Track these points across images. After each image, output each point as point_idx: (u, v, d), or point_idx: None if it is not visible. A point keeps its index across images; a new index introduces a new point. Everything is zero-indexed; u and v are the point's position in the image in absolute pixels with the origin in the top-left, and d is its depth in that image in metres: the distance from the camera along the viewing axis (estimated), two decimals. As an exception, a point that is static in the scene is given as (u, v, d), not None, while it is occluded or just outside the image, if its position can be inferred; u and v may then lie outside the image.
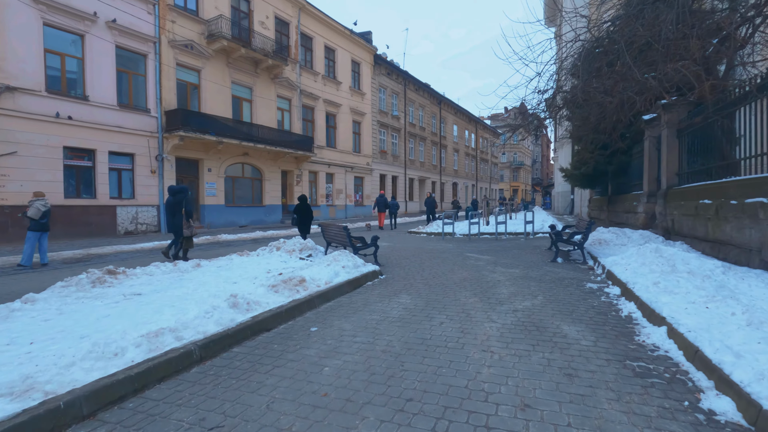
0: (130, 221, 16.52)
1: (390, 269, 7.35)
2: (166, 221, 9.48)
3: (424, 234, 14.86)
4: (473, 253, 9.46)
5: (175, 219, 8.92)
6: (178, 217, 8.94)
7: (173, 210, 8.91)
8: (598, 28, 10.42)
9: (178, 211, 8.94)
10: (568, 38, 10.18)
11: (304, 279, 5.18)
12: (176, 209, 8.92)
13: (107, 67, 15.78)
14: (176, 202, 8.92)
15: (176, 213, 8.92)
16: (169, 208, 8.95)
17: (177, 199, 8.93)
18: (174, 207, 8.91)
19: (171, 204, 8.93)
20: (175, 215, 8.91)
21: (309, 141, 23.62)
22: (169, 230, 9.14)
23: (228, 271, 6.99)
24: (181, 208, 8.99)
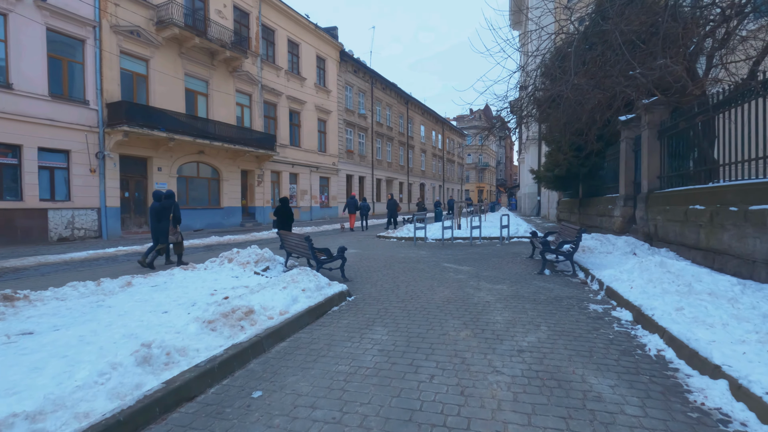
0: (65, 226, 14.57)
1: (360, 286, 6.29)
2: (150, 227, 8.94)
3: (394, 239, 13.89)
4: (451, 263, 8.55)
5: (161, 225, 8.72)
6: (164, 223, 8.74)
7: (159, 216, 8.69)
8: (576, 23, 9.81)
9: (164, 217, 8.74)
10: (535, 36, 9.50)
11: (252, 310, 4.04)
12: (163, 215, 8.72)
13: (36, 51, 13.79)
14: (163, 208, 8.72)
15: (162, 219, 8.72)
16: (155, 213, 8.72)
17: (165, 204, 8.74)
18: (161, 212, 8.70)
19: (157, 209, 8.70)
20: (161, 221, 8.71)
21: (271, 139, 22.14)
22: (153, 236, 8.87)
23: (163, 293, 5.70)
24: (168, 214, 8.77)
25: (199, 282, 6.56)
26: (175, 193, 9.53)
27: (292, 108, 25.15)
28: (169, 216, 8.83)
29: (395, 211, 19.43)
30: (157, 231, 8.76)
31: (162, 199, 8.82)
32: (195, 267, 7.85)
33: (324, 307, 4.73)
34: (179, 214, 9.14)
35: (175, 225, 8.96)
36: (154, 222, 8.77)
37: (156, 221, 8.74)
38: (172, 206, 8.87)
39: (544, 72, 13.02)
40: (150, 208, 9.03)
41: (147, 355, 2.91)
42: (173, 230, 8.96)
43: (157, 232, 8.77)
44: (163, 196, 8.88)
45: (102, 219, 15.53)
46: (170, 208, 8.83)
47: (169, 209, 8.82)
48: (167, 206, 8.78)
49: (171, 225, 8.90)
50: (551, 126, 14.26)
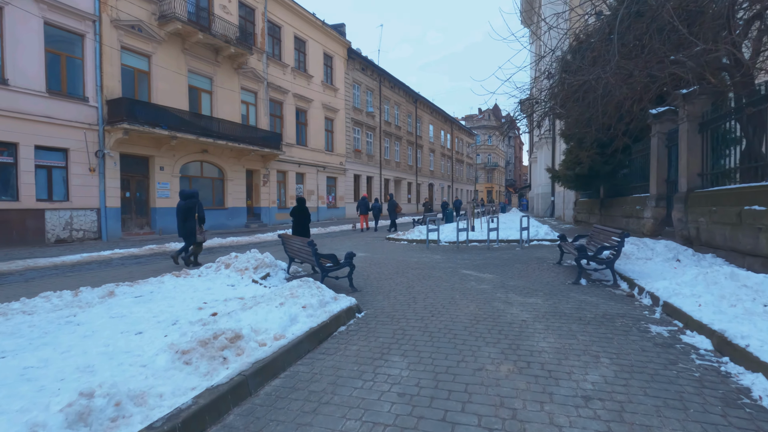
0: (63, 227, 13.95)
1: (371, 298, 5.46)
2: (177, 226, 8.99)
3: (405, 241, 13.04)
4: (470, 269, 7.69)
5: (187, 224, 8.71)
6: (190, 222, 8.71)
7: (185, 215, 8.71)
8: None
9: (190, 216, 8.71)
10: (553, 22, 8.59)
11: (240, 335, 3.23)
12: (188, 214, 8.71)
13: (33, 46, 13.19)
14: (188, 207, 8.72)
15: (188, 218, 8.70)
16: (181, 212, 8.74)
17: (189, 203, 8.73)
18: (186, 212, 8.71)
19: (183, 209, 8.72)
20: (186, 220, 8.70)
21: (277, 138, 21.42)
22: (180, 235, 8.93)
23: (145, 306, 4.93)
24: (193, 213, 8.74)
25: (190, 292, 5.78)
26: (198, 192, 9.48)
27: (299, 106, 24.42)
28: (194, 215, 8.77)
29: (395, 212, 18.48)
30: (184, 230, 8.80)
31: (187, 198, 8.84)
32: (188, 273, 7.08)
33: (329, 327, 3.90)
34: (203, 214, 9.02)
35: (200, 224, 8.91)
36: (181, 221, 8.78)
37: (182, 220, 8.75)
38: (195, 205, 8.80)
39: (564, 66, 12.11)
40: (176, 207, 9.01)
41: (85, 410, 2.11)
42: (200, 230, 8.90)
43: (183, 230, 8.80)
44: (188, 195, 8.89)
45: (102, 220, 14.89)
46: (194, 207, 8.77)
47: (194, 208, 8.76)
48: (191, 206, 8.75)
49: (197, 224, 8.83)
50: (571, 122, 13.33)
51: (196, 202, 8.84)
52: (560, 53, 11.20)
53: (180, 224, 8.79)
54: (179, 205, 8.84)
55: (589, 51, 8.27)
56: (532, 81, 17.21)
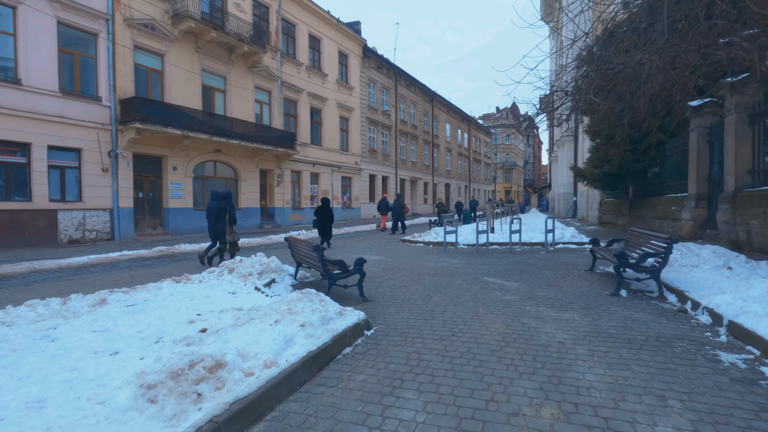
0: (76, 228, 13.78)
1: (382, 310, 4.87)
2: (208, 227, 8.96)
3: (420, 244, 12.40)
4: (492, 275, 7.01)
5: (218, 225, 8.74)
6: (221, 223, 8.74)
7: (217, 215, 8.71)
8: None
9: (222, 217, 8.73)
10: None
11: (222, 363, 2.67)
12: (220, 215, 8.71)
13: (47, 46, 13.04)
14: (220, 208, 8.72)
15: (220, 218, 8.72)
16: (212, 213, 8.74)
17: (221, 204, 8.74)
18: (218, 212, 8.70)
19: (214, 209, 8.73)
20: (218, 221, 8.72)
21: (291, 137, 21.03)
22: (211, 236, 8.95)
23: (133, 318, 4.44)
24: (225, 214, 8.75)
25: (186, 301, 5.29)
26: (231, 193, 9.50)
27: (313, 105, 24.01)
28: (226, 216, 8.78)
29: (401, 213, 17.30)
30: (215, 231, 8.79)
31: (220, 199, 8.83)
32: (189, 279, 6.61)
33: (331, 350, 3.31)
34: (234, 214, 9.04)
35: (231, 225, 8.92)
36: (212, 222, 8.78)
37: (214, 221, 8.74)
38: (227, 206, 8.81)
39: (589, 57, 11.28)
40: (207, 208, 9.01)
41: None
42: (230, 230, 8.91)
43: (215, 232, 8.80)
44: (221, 196, 8.89)
45: (114, 220, 14.70)
46: (226, 209, 8.78)
47: (226, 209, 8.76)
48: (223, 206, 8.75)
49: (228, 225, 8.85)
50: (599, 117, 12.48)
51: (228, 203, 8.85)
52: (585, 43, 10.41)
53: (211, 225, 8.80)
54: (211, 206, 8.85)
55: (623, 38, 7.50)
56: (554, 74, 16.35)
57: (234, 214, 8.99)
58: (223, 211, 8.73)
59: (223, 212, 8.73)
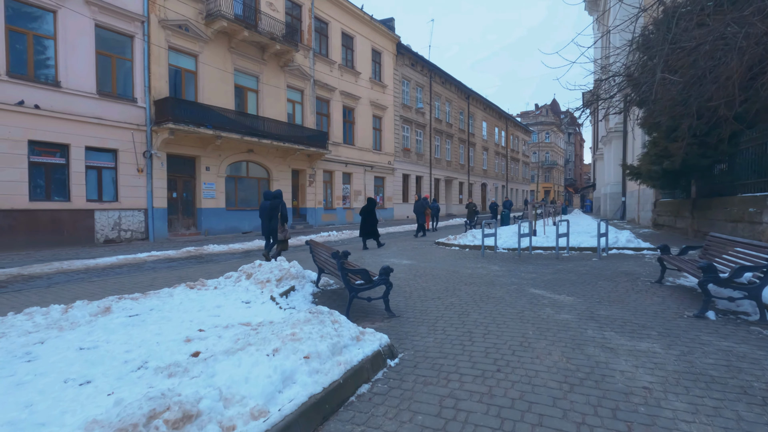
0: (112, 228, 13.90)
1: (411, 330, 4.11)
2: (262, 225, 9.26)
3: (456, 247, 11.50)
4: (540, 287, 6.07)
5: (272, 223, 8.93)
6: (274, 222, 8.93)
7: (270, 214, 8.91)
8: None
9: (274, 216, 8.92)
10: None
11: (193, 414, 2.01)
12: (273, 214, 8.91)
13: (85, 48, 13.20)
14: (273, 207, 8.92)
15: (273, 217, 8.92)
16: (266, 212, 8.96)
17: (274, 203, 8.93)
18: (271, 211, 8.90)
19: (267, 208, 8.94)
20: (271, 219, 8.92)
21: (323, 136, 20.63)
22: (264, 234, 9.22)
23: (127, 333, 3.91)
24: (277, 213, 8.93)
25: (194, 311, 4.75)
26: (282, 193, 9.67)
27: (346, 104, 23.54)
28: (278, 215, 8.93)
29: (424, 215, 15.97)
30: (268, 229, 9.00)
31: (272, 198, 9.02)
32: (205, 284, 6.12)
33: (342, 390, 2.59)
34: (286, 213, 9.20)
35: (283, 223, 9.08)
36: (266, 221, 8.97)
37: (267, 220, 8.94)
38: (279, 205, 8.96)
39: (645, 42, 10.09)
40: (260, 207, 9.22)
41: None
42: (281, 228, 9.06)
43: (268, 230, 9.01)
44: (273, 196, 9.07)
45: (149, 220, 14.76)
46: (278, 207, 8.93)
47: (278, 208, 8.92)
48: (276, 205, 8.91)
49: (279, 223, 8.99)
50: (659, 108, 11.11)
51: (280, 202, 8.99)
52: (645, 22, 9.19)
53: (265, 223, 9.00)
54: (264, 205, 9.03)
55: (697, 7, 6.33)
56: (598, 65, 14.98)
57: (286, 213, 9.15)
58: (275, 210, 8.90)
59: (275, 211, 8.90)
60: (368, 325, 4.26)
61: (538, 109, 67.05)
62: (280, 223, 8.99)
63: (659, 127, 11.77)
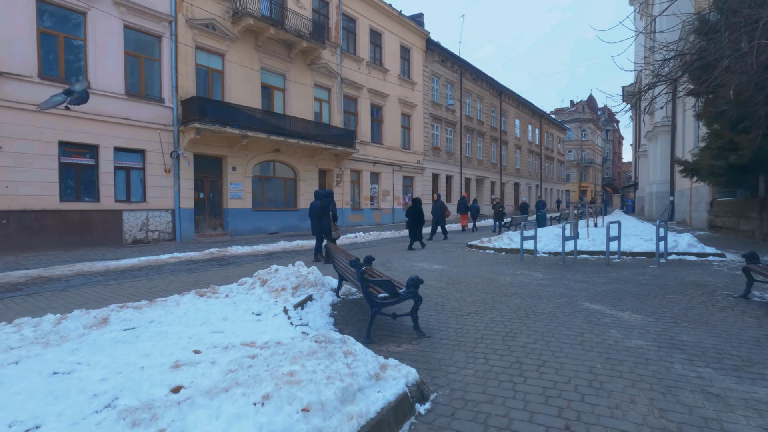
0: (139, 228, 13.83)
1: (444, 356, 3.35)
2: (312, 225, 9.29)
3: (491, 250, 10.59)
4: (596, 301, 5.15)
5: (323, 222, 8.98)
6: (325, 220, 8.97)
7: (320, 214, 8.96)
8: None
9: (325, 215, 8.96)
10: None
11: None
12: (324, 213, 8.96)
13: (114, 50, 13.18)
14: (323, 206, 8.96)
15: (323, 216, 8.96)
16: (317, 211, 9.01)
17: (324, 202, 8.98)
18: (322, 210, 8.96)
19: (318, 208, 8.99)
20: (322, 219, 8.96)
21: (350, 135, 20.08)
22: (315, 233, 9.21)
23: (110, 355, 3.35)
24: (328, 212, 8.97)
25: (196, 325, 4.18)
26: (333, 192, 9.82)
27: (374, 102, 22.91)
28: (329, 214, 8.95)
29: (442, 217, 14.66)
30: (319, 228, 9.02)
31: (323, 198, 9.05)
32: (216, 291, 5.58)
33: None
34: (336, 212, 9.24)
35: (334, 222, 9.09)
36: (316, 220, 9.01)
37: (318, 219, 8.97)
38: (330, 204, 8.99)
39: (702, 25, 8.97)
40: (310, 207, 9.26)
41: None
42: (334, 227, 9.09)
43: (319, 229, 9.03)
44: (324, 195, 9.09)
45: (176, 221, 14.63)
46: (329, 206, 8.96)
47: (329, 207, 8.95)
48: (326, 204, 8.94)
49: (331, 222, 9.00)
50: (718, 98, 9.81)
51: (330, 201, 9.02)
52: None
53: (315, 223, 9.04)
54: (314, 205, 9.08)
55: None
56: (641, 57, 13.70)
57: (335, 212, 9.19)
58: (326, 209, 8.93)
59: (326, 210, 8.93)
60: (393, 348, 3.54)
61: (574, 106, 64.19)
62: (331, 222, 9.01)
63: (723, 117, 10.44)
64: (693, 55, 8.26)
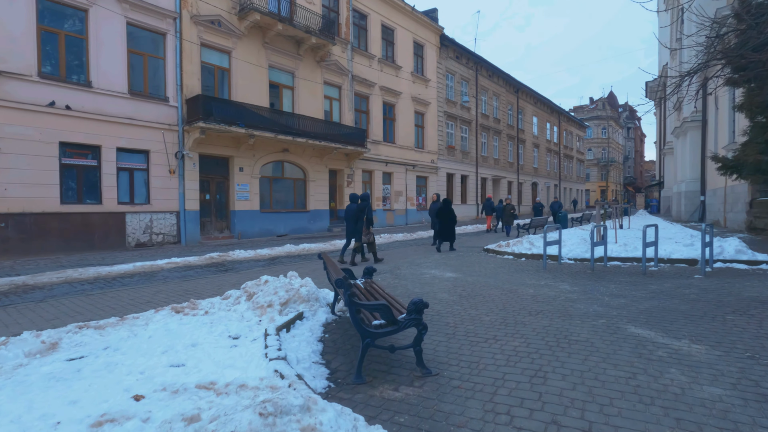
0: (143, 231, 13.35)
1: (455, 408, 2.55)
2: (346, 227, 9.35)
3: (509, 256, 9.67)
4: (640, 323, 4.24)
5: (357, 225, 8.98)
6: (360, 224, 8.96)
7: (356, 217, 8.98)
8: None
9: (360, 218, 8.95)
10: None
11: None
12: (359, 216, 8.95)
13: (116, 47, 12.72)
14: (360, 209, 8.96)
15: (359, 219, 8.96)
16: (353, 214, 9.03)
17: (362, 206, 9.00)
18: (358, 214, 8.95)
19: (354, 210, 9.02)
20: (357, 222, 8.96)
21: (361, 134, 19.33)
22: (347, 236, 9.29)
23: (38, 395, 2.67)
24: (363, 215, 8.94)
25: (155, 354, 3.45)
26: (369, 195, 9.88)
27: (386, 100, 22.12)
28: (364, 217, 8.94)
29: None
30: (354, 231, 9.04)
31: (360, 201, 9.12)
32: (195, 307, 4.87)
33: None
34: (371, 216, 9.26)
35: (368, 226, 9.08)
36: (352, 223, 9.01)
37: (353, 222, 8.99)
38: (366, 208, 8.99)
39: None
40: (346, 209, 9.28)
41: None
42: (366, 231, 9.08)
43: (353, 232, 9.05)
44: (361, 198, 9.17)
45: (181, 223, 14.12)
46: (365, 210, 8.94)
47: (365, 210, 8.93)
48: (362, 208, 8.94)
49: (365, 225, 8.98)
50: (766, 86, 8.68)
51: (366, 205, 9.06)
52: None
53: (350, 226, 9.06)
54: (350, 207, 9.11)
55: None
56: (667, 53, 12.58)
57: (371, 216, 9.17)
58: (363, 212, 8.89)
59: (363, 213, 8.88)
60: (389, 393, 2.74)
61: (593, 103, 62.12)
62: (365, 226, 8.98)
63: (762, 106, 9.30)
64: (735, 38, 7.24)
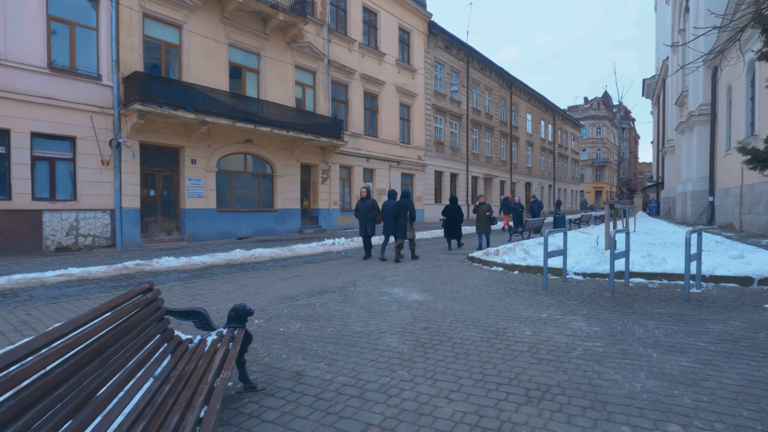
0: (66, 232, 11.05)
1: None
2: (384, 225, 8.93)
3: (498, 267, 7.52)
4: (745, 430, 2.07)
5: (399, 222, 8.82)
6: (402, 220, 8.80)
7: (396, 213, 8.82)
8: None
9: (402, 215, 8.79)
10: None
11: None
12: (401, 212, 8.81)
13: (33, 13, 10.43)
14: (402, 206, 8.84)
15: (400, 216, 8.79)
16: (393, 211, 8.85)
17: (402, 202, 8.87)
18: (398, 210, 8.82)
19: (393, 207, 8.87)
20: (399, 218, 8.81)
21: (338, 125, 17.12)
22: (386, 233, 9.06)
23: None
24: (406, 212, 8.80)
25: None
26: (410, 192, 9.78)
27: (368, 89, 19.93)
28: (407, 213, 8.78)
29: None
30: (394, 227, 8.84)
31: (396, 197, 9.02)
32: None
33: None
34: (414, 212, 9.12)
35: (411, 222, 8.95)
36: (392, 220, 8.83)
37: (393, 219, 8.82)
38: (408, 204, 8.83)
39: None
40: (383, 206, 9.04)
41: None
42: (410, 227, 8.95)
43: (395, 228, 8.84)
44: (403, 194, 9.10)
45: (116, 223, 11.85)
46: (407, 206, 8.80)
47: (407, 207, 8.80)
48: (404, 204, 8.81)
49: (408, 222, 8.85)
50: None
51: (409, 201, 8.89)
52: None
53: (390, 222, 8.85)
54: (389, 204, 8.88)
55: None
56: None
57: (414, 212, 9.04)
58: (405, 208, 8.76)
59: (404, 210, 8.75)
60: None
61: (588, 102, 60.34)
62: (409, 222, 8.85)
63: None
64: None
